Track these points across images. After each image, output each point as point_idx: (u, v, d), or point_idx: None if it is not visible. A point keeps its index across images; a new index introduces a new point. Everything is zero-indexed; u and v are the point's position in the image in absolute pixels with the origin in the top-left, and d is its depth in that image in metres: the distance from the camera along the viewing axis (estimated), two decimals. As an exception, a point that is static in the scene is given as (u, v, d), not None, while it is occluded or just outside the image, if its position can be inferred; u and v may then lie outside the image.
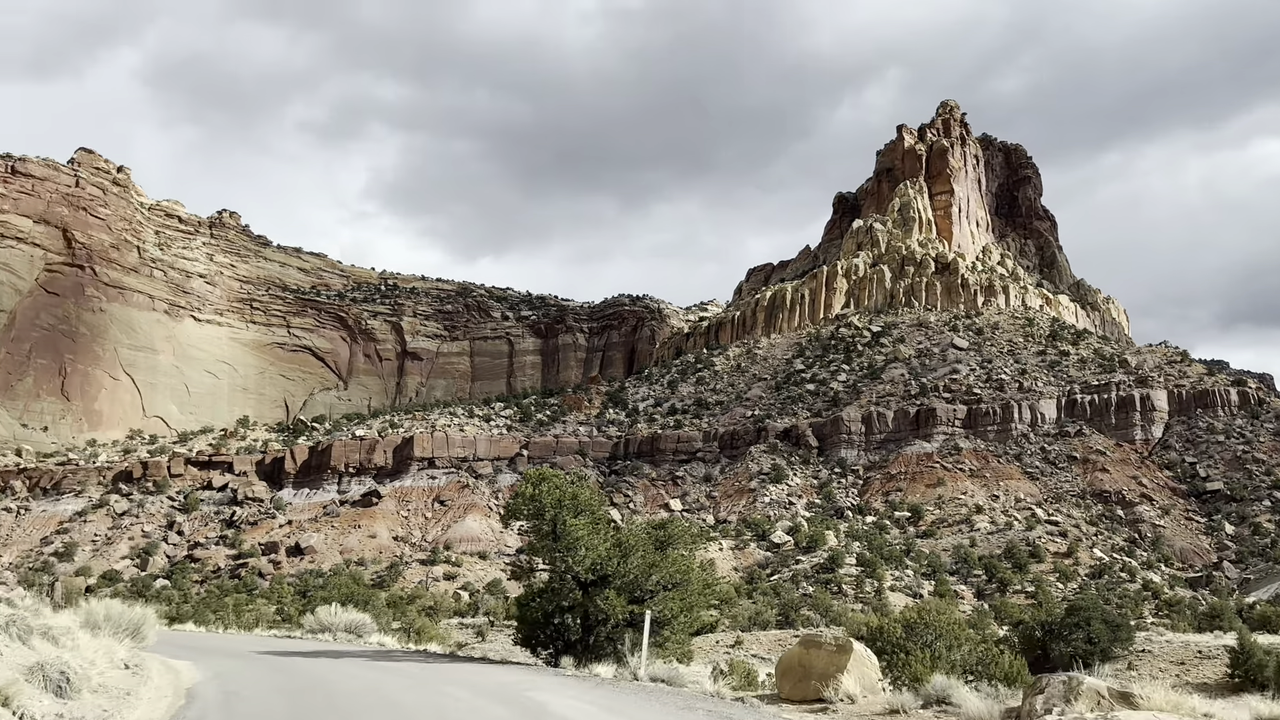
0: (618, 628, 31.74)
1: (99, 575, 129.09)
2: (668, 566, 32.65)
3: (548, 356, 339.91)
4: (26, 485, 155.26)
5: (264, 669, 24.73)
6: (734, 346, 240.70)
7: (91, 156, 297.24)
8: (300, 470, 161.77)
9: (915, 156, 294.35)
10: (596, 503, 35.20)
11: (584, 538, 32.18)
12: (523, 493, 34.30)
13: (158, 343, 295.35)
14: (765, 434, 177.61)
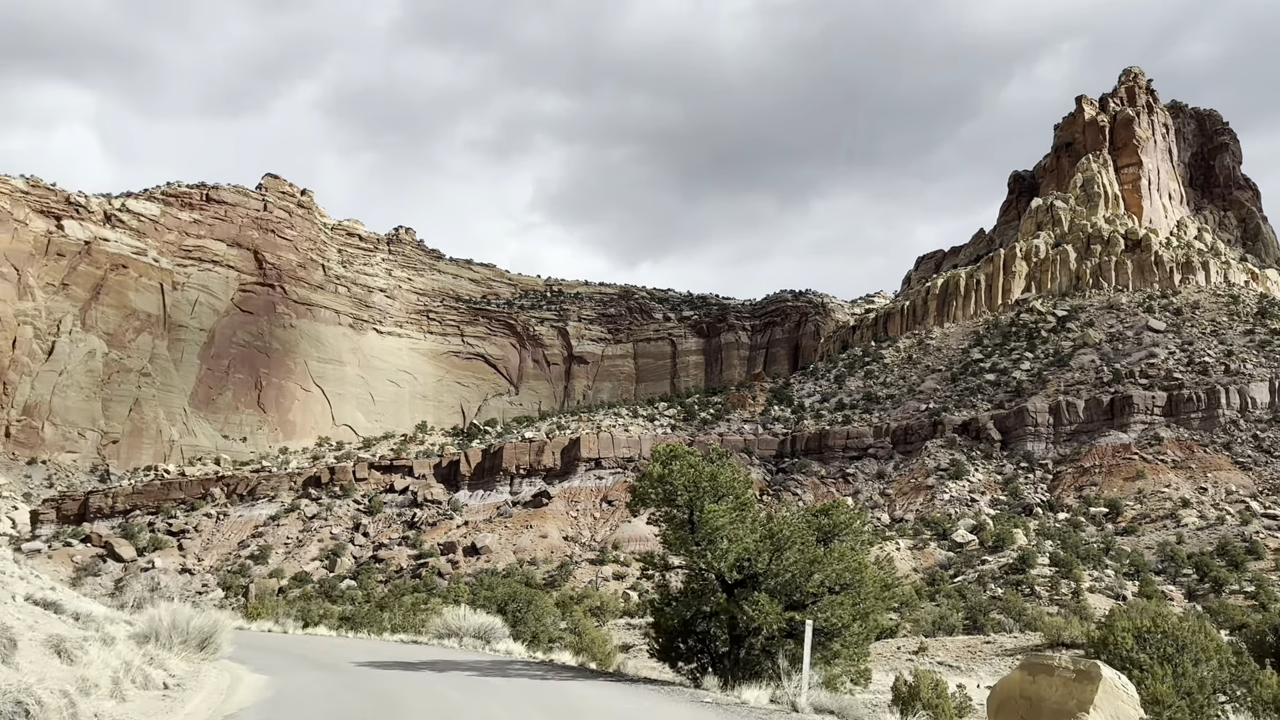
0: (774, 639, 26.71)
1: (290, 577, 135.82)
2: (833, 563, 27.07)
3: (710, 356, 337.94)
4: (225, 492, 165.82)
5: (341, 685, 22.58)
6: (904, 338, 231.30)
7: (277, 181, 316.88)
8: (474, 473, 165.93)
9: (1097, 128, 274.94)
10: (741, 485, 29.42)
11: (725, 527, 26.83)
12: (650, 473, 28.80)
13: (344, 355, 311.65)
14: (942, 428, 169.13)
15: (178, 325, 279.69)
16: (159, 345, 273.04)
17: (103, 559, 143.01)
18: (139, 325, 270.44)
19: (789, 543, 27.13)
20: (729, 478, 29.21)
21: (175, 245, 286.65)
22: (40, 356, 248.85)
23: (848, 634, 26.88)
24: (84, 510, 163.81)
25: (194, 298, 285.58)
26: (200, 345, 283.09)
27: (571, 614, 69.68)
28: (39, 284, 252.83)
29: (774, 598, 26.40)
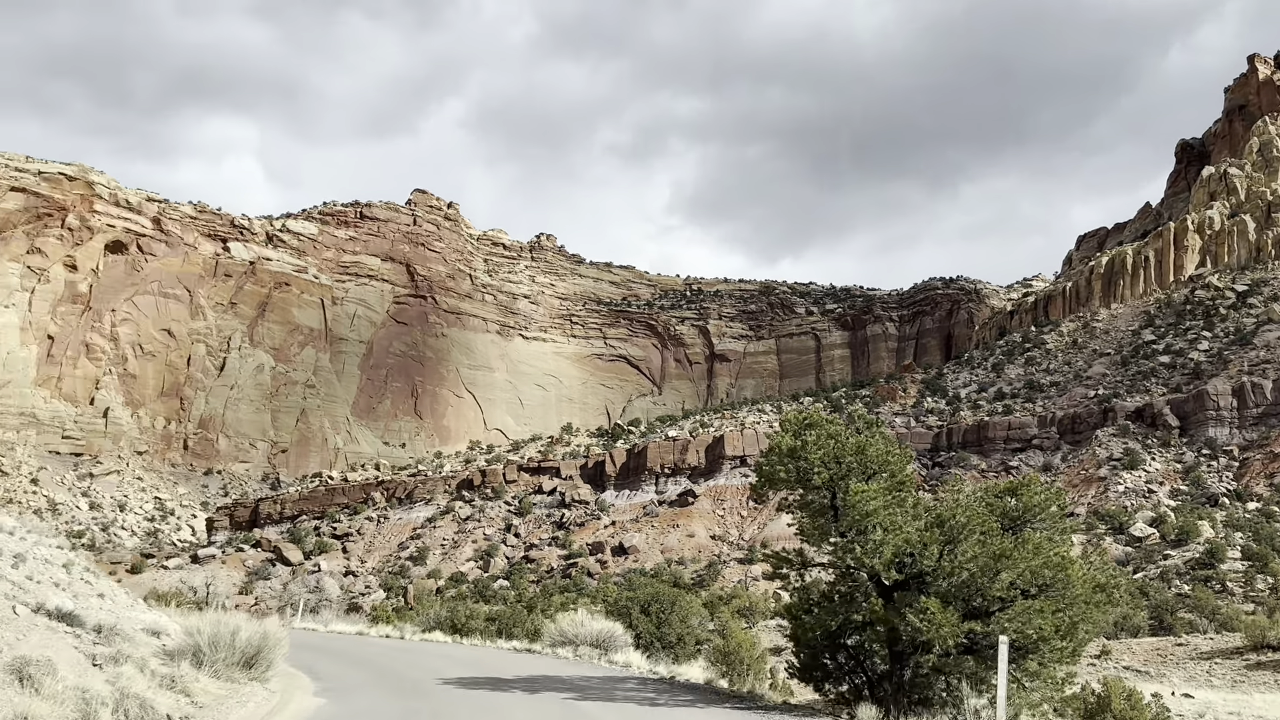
0: (949, 656, 21.20)
1: (447, 577, 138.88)
2: (1027, 558, 21.04)
3: (856, 349, 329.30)
4: (385, 496, 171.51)
5: (403, 713, 19.95)
6: (1067, 321, 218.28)
7: (425, 196, 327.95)
8: (620, 473, 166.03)
9: (1274, 88, 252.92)
10: (897, 460, 23.82)
11: (878, 513, 21.50)
12: (778, 446, 23.64)
13: (493, 361, 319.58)
14: (1112, 415, 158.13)
15: (338, 338, 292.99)
16: (321, 358, 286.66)
17: (272, 563, 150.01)
18: (302, 339, 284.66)
19: (965, 531, 21.45)
20: (880, 451, 23.76)
21: (333, 262, 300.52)
22: (213, 372, 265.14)
23: (1049, 648, 20.94)
24: (255, 517, 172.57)
25: (352, 311, 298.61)
26: (360, 356, 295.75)
27: (719, 615, 67.50)
28: (209, 304, 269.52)
29: (947, 604, 21.08)
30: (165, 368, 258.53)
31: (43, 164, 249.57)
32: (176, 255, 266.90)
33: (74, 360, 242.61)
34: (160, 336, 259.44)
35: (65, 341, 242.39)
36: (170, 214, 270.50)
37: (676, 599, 51.05)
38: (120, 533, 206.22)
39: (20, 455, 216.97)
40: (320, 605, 67.10)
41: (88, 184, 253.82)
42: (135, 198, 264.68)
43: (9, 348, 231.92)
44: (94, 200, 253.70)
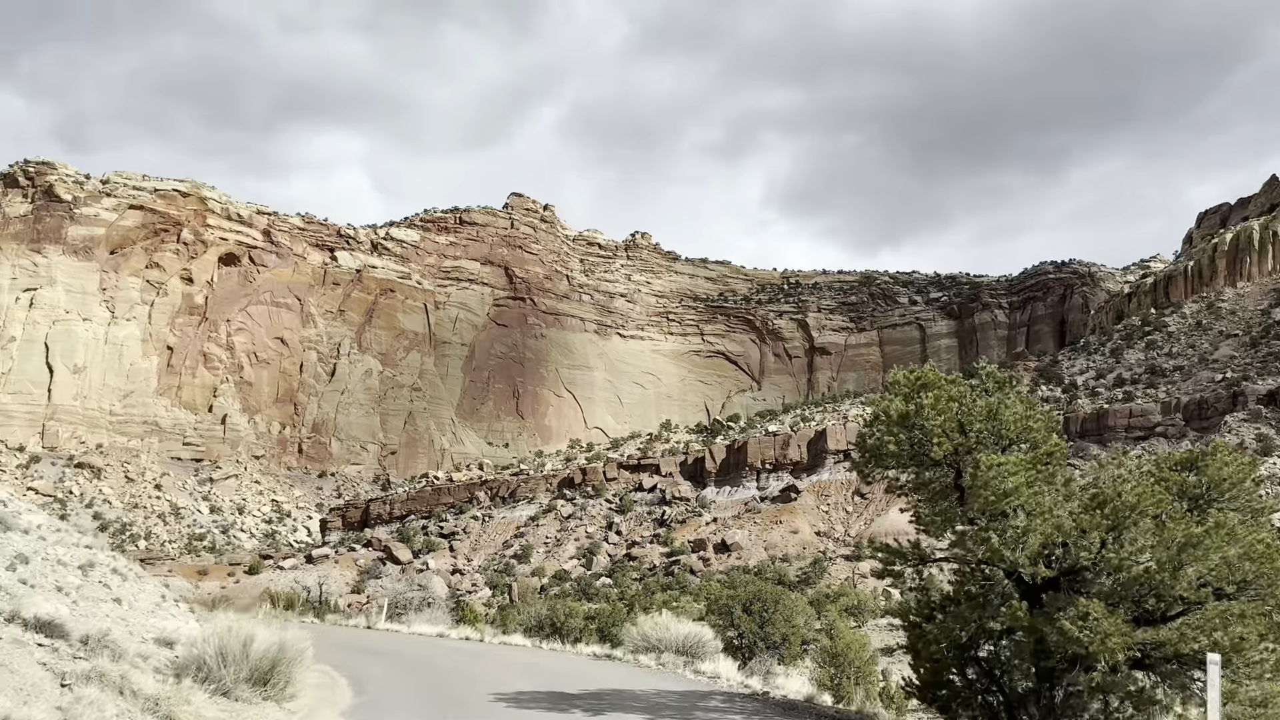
0: (1115, 674, 17.17)
1: (551, 575, 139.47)
2: (1220, 546, 16.78)
3: (963, 338, 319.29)
4: (489, 495, 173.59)
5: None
6: (1190, 302, 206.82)
7: (522, 199, 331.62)
8: (720, 469, 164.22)
9: None
10: (1041, 425, 19.53)
11: (1021, 492, 17.38)
12: (886, 413, 19.57)
13: (591, 360, 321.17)
14: (1243, 399, 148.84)
15: (442, 342, 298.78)
16: (426, 361, 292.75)
17: (383, 562, 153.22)
18: (408, 344, 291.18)
19: (1136, 514, 17.08)
20: (1018, 414, 19.24)
21: (435, 267, 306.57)
22: (324, 378, 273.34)
23: (1243, 663, 16.73)
24: (366, 517, 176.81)
25: (454, 315, 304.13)
26: (463, 359, 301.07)
27: (826, 613, 65.25)
28: (319, 312, 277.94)
29: (1113, 607, 16.99)
30: (279, 375, 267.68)
31: (158, 182, 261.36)
32: (286, 265, 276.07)
33: (192, 370, 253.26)
34: (273, 344, 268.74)
35: (184, 352, 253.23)
36: (279, 226, 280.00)
37: (780, 597, 49.13)
38: (239, 535, 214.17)
39: (144, 462, 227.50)
40: (423, 604, 67.69)
41: (201, 199, 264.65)
42: (246, 211, 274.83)
43: (131, 359, 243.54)
44: (207, 215, 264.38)
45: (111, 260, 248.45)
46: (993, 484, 17.67)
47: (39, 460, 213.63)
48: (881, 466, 20.39)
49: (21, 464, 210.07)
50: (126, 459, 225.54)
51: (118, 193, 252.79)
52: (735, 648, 48.20)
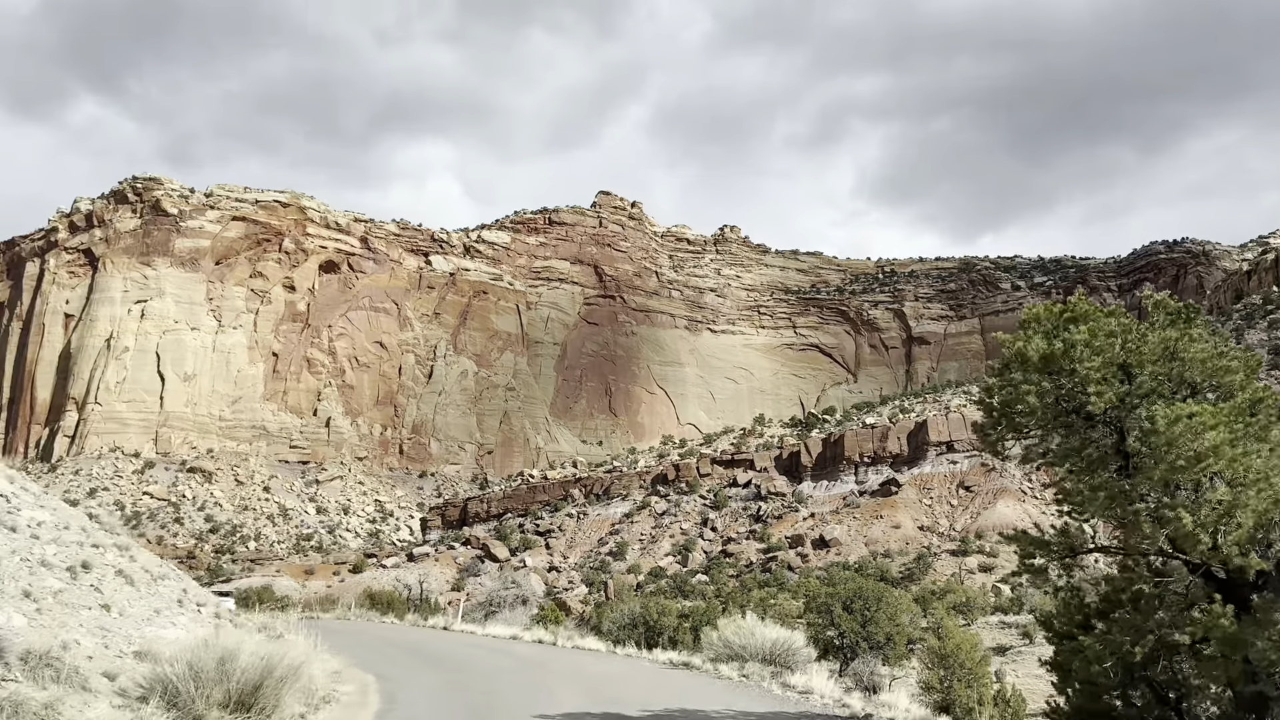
0: None
1: (646, 572, 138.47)
2: None
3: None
4: (583, 492, 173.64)
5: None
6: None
7: (609, 198, 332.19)
8: (816, 463, 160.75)
9: None
10: (1240, 367, 15.21)
11: (1224, 453, 13.09)
12: (1021, 355, 15.77)
13: (682, 356, 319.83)
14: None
15: (534, 341, 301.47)
16: (520, 361, 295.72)
17: (481, 560, 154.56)
18: (501, 345, 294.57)
19: None
20: (1207, 352, 15.00)
21: (526, 268, 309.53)
22: (422, 380, 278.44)
23: None
24: (464, 515, 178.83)
25: (546, 315, 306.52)
26: (555, 358, 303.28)
27: (933, 611, 62.32)
28: (415, 315, 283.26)
29: None
30: (379, 378, 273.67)
31: (259, 193, 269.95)
32: (383, 271, 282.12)
33: (297, 375, 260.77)
34: (373, 348, 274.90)
35: (288, 357, 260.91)
36: (376, 232, 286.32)
37: (883, 594, 46.76)
38: (345, 534, 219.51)
39: (253, 465, 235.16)
40: (517, 601, 67.19)
41: (300, 209, 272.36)
42: (344, 219, 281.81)
43: (239, 366, 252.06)
44: (307, 224, 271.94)
45: (217, 271, 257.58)
46: (1180, 444, 13.41)
47: (153, 465, 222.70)
48: (1015, 430, 16.03)
49: (137, 469, 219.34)
50: (236, 463, 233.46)
51: (221, 205, 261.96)
52: (836, 648, 46.00)
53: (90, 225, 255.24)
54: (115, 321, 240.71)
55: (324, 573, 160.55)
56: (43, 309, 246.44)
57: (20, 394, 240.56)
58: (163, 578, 25.63)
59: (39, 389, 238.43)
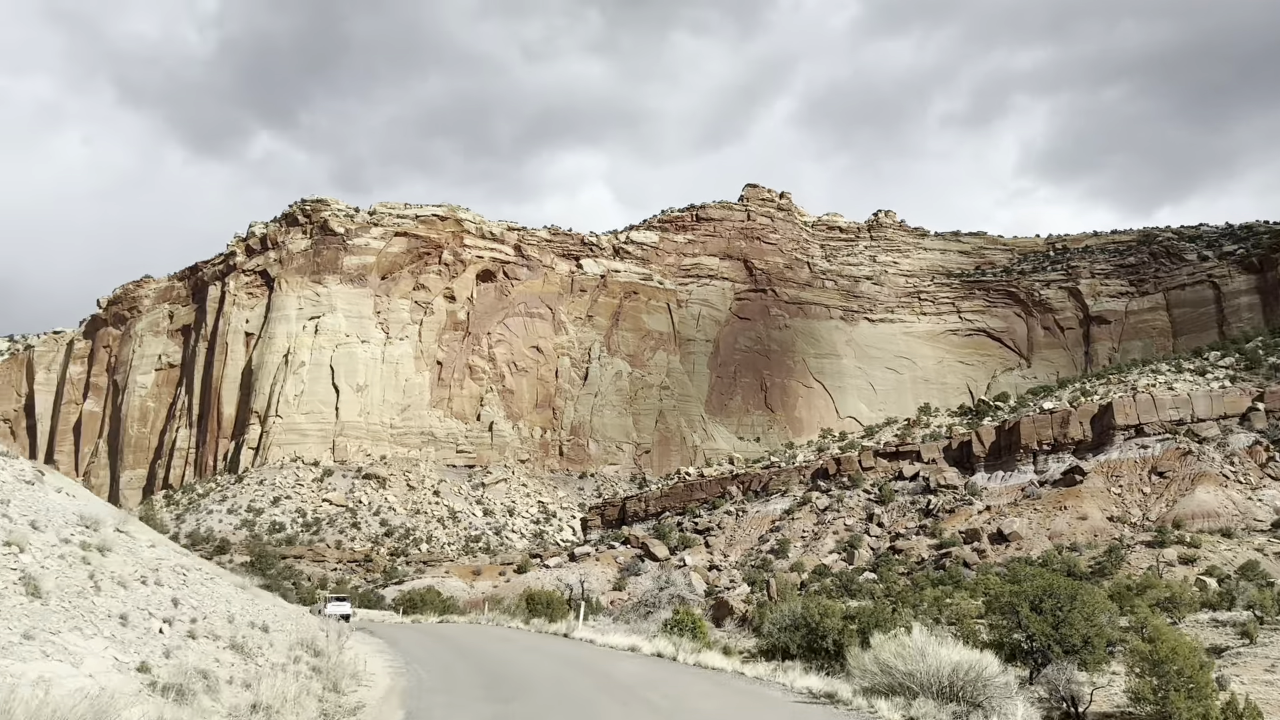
0: None
1: (810, 570, 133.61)
2: None
3: (1267, 293, 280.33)
4: (741, 489, 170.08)
5: None
6: None
7: (756, 190, 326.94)
8: (989, 452, 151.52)
9: None
10: None
11: None
12: None
13: (839, 348, 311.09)
14: None
15: (686, 340, 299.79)
16: (673, 360, 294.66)
17: (641, 559, 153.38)
18: (654, 344, 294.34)
19: None
20: None
21: (675, 266, 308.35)
22: (578, 382, 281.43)
23: None
24: (623, 515, 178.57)
25: (697, 312, 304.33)
26: (708, 355, 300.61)
27: (1134, 609, 55.90)
28: (569, 319, 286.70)
29: None
30: (537, 381, 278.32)
31: (419, 209, 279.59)
32: (537, 277, 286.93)
33: (460, 381, 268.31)
34: (530, 353, 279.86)
35: (451, 365, 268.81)
36: (528, 240, 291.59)
37: (1077, 591, 41.46)
38: (511, 535, 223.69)
39: (424, 470, 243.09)
40: (671, 601, 64.76)
41: (457, 221, 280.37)
42: (498, 229, 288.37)
43: (407, 375, 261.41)
44: (463, 235, 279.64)
45: (383, 285, 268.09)
46: None
47: (331, 473, 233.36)
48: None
49: (317, 478, 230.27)
50: (407, 468, 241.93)
51: (384, 222, 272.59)
52: (1024, 652, 41.13)
53: (265, 248, 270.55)
54: (291, 338, 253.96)
55: (490, 573, 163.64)
56: (225, 329, 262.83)
57: (208, 410, 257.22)
58: (142, 581, 21.21)
59: (225, 405, 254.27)
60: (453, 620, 62.30)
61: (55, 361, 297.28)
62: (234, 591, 28.41)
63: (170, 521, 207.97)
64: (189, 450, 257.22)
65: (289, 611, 39.78)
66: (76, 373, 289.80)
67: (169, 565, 24.38)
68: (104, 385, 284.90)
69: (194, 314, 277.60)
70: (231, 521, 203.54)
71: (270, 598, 38.36)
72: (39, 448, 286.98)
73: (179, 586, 23.30)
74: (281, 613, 34.30)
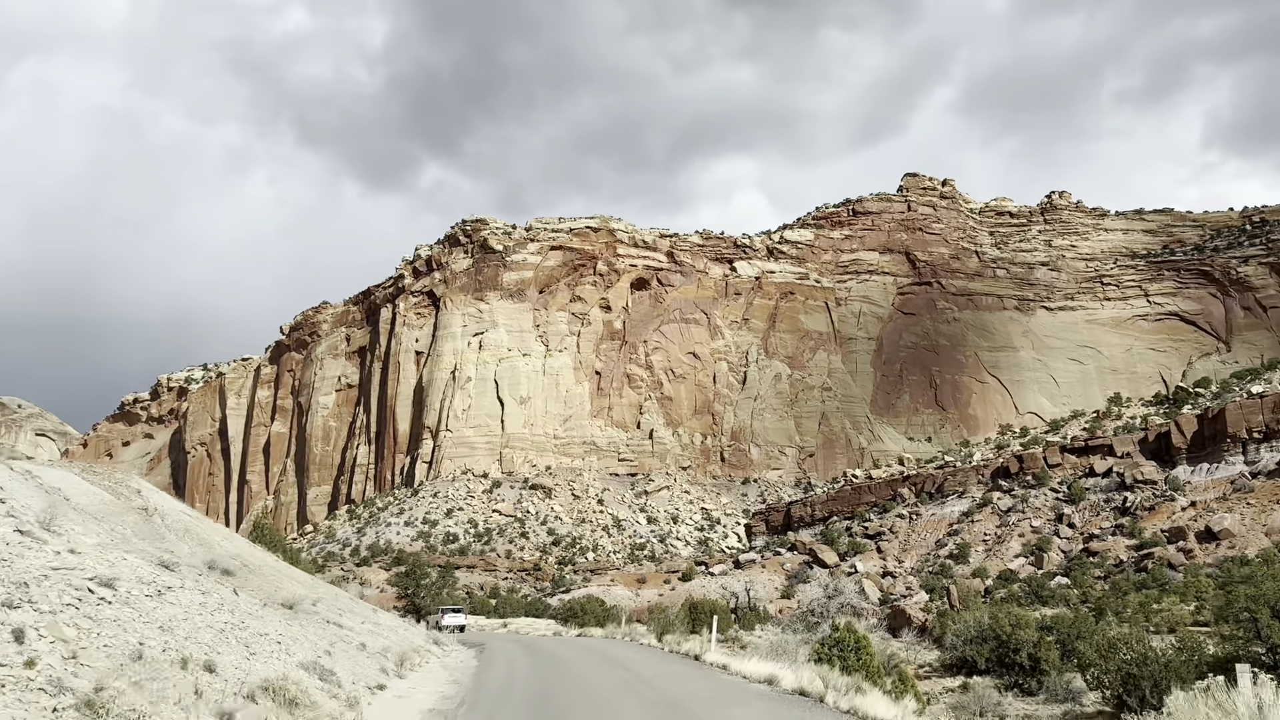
0: None
1: (994, 576, 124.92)
2: None
3: None
4: (913, 491, 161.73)
5: None
6: None
7: (916, 179, 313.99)
8: (1191, 443, 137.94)
9: None
10: None
11: None
12: None
13: (1015, 339, 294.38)
14: None
15: (847, 338, 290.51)
16: (834, 360, 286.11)
17: (809, 565, 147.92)
18: (813, 344, 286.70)
19: None
20: None
21: (832, 263, 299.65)
22: (736, 387, 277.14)
23: None
24: (788, 520, 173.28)
25: (857, 309, 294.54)
26: (871, 354, 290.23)
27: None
28: (724, 323, 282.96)
29: None
30: (695, 388, 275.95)
31: (572, 222, 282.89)
32: (690, 282, 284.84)
33: (619, 390, 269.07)
34: (687, 359, 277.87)
35: (610, 375, 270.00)
36: (680, 245, 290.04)
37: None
38: (676, 543, 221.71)
39: (587, 479, 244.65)
40: (842, 610, 60.09)
41: (609, 231, 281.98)
42: (650, 236, 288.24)
43: (567, 385, 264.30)
44: (616, 245, 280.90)
45: (541, 299, 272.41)
46: None
47: (500, 485, 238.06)
48: None
49: (486, 489, 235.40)
50: (571, 478, 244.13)
51: (540, 237, 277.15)
52: (1268, 667, 34.76)
53: (430, 269, 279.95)
54: (457, 354, 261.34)
55: (655, 581, 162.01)
56: (397, 349, 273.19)
57: (385, 427, 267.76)
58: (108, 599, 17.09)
59: (399, 421, 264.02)
60: (590, 634, 59.38)
61: (245, 387, 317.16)
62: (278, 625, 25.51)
63: (352, 535, 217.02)
64: (369, 466, 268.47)
65: (384, 631, 37.43)
66: (264, 396, 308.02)
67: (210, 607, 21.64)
68: (289, 407, 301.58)
69: (368, 336, 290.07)
70: (408, 534, 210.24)
71: (362, 609, 36.32)
72: (233, 469, 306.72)
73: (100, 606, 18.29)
74: (347, 635, 31.21)
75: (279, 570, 35.03)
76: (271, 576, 31.73)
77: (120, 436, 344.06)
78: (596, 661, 40.84)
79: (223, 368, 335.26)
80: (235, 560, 29.65)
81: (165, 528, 28.23)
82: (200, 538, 29.78)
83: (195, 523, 32.05)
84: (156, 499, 31.69)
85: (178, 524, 29.87)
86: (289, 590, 30.58)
